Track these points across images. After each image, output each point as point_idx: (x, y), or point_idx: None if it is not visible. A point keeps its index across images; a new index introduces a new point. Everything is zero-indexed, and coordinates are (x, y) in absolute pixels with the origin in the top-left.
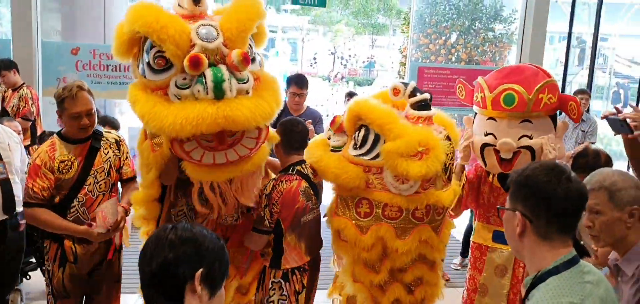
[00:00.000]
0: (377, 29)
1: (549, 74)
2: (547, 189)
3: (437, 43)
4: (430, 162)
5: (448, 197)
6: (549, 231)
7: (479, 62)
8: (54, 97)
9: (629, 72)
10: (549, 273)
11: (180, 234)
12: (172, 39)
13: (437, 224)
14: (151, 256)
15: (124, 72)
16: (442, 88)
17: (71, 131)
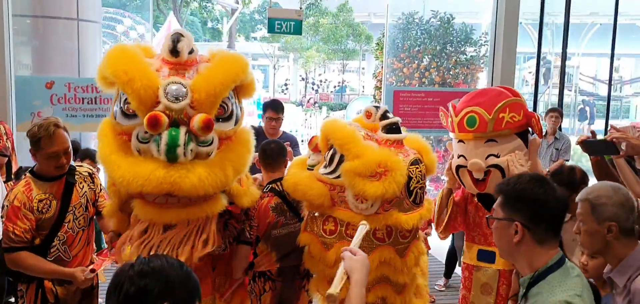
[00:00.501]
0: (347, 54)
1: (515, 93)
2: (544, 199)
3: (411, 67)
4: (387, 183)
5: (410, 220)
6: (546, 236)
7: (452, 84)
8: (28, 136)
9: (592, 90)
10: (547, 271)
11: (140, 268)
12: (137, 93)
13: (402, 246)
14: (114, 290)
15: (100, 105)
16: (418, 111)
17: (47, 170)
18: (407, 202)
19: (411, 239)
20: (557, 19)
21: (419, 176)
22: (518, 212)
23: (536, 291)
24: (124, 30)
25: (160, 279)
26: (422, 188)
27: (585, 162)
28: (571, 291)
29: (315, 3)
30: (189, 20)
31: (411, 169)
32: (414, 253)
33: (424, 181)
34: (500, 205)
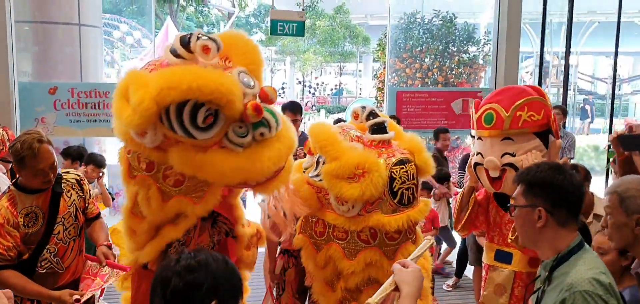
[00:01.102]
0: (344, 57)
1: (540, 92)
2: (564, 184)
3: (413, 67)
4: (365, 185)
5: (394, 222)
6: (568, 219)
7: (455, 84)
8: (12, 154)
9: (590, 88)
10: (569, 252)
11: (187, 263)
12: (238, 98)
13: (389, 248)
14: (161, 285)
15: (103, 110)
16: (421, 111)
17: (33, 185)
18: (391, 204)
19: (401, 241)
20: (554, 18)
21: (404, 176)
22: (540, 198)
23: (560, 272)
24: (121, 36)
25: (208, 274)
26: (410, 189)
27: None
28: (596, 269)
29: (312, 5)
30: (186, 24)
31: (394, 169)
32: (404, 254)
33: (412, 182)
34: (521, 193)
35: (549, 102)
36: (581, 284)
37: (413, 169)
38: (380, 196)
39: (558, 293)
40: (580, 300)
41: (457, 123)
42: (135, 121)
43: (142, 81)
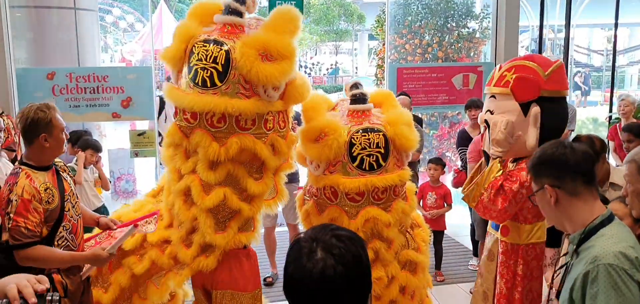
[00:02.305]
0: (339, 35)
1: (547, 64)
2: (558, 156)
3: (413, 43)
4: (322, 146)
5: (350, 183)
6: (576, 186)
7: (455, 59)
8: (37, 121)
9: (586, 61)
10: (598, 225)
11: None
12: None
13: (351, 208)
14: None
15: (102, 94)
16: (422, 87)
17: (58, 149)
18: (350, 167)
19: (363, 204)
20: None
21: (365, 143)
22: (544, 177)
23: (587, 245)
24: (114, 20)
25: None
26: (372, 155)
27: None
28: (624, 242)
29: None
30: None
31: (355, 135)
32: (365, 217)
33: (376, 149)
34: (532, 181)
35: (544, 72)
36: (606, 257)
37: (381, 138)
38: (340, 158)
39: (583, 266)
40: (603, 273)
41: (457, 98)
42: (279, 78)
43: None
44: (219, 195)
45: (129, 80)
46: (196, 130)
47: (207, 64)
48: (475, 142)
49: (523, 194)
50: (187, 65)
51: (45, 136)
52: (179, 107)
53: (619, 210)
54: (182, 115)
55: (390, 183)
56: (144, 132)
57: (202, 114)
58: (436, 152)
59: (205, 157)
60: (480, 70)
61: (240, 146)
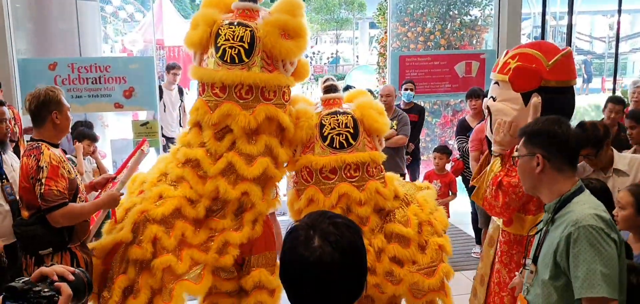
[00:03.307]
0: (340, 24)
1: (553, 51)
2: (559, 134)
3: (415, 31)
4: (296, 129)
5: (321, 161)
6: (564, 165)
7: (457, 46)
8: (47, 101)
9: (589, 48)
10: (573, 194)
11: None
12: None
13: (325, 186)
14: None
15: (104, 84)
16: (425, 75)
17: (66, 127)
18: (321, 146)
19: (337, 180)
20: None
21: (334, 123)
22: (538, 146)
23: (563, 212)
24: (113, 11)
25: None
26: (341, 134)
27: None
28: (599, 207)
29: None
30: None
31: (325, 118)
32: (339, 193)
33: (345, 129)
34: (523, 144)
35: (547, 62)
36: (586, 219)
37: (349, 119)
38: (312, 139)
39: (563, 229)
40: (584, 234)
41: (460, 86)
42: (297, 53)
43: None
44: (263, 164)
45: (131, 70)
46: (224, 102)
47: (234, 43)
48: (477, 131)
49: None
50: (213, 47)
51: (56, 113)
52: (210, 82)
53: (623, 198)
54: (211, 90)
55: (360, 160)
56: (147, 122)
57: (231, 87)
58: (439, 141)
59: (239, 128)
60: (483, 57)
61: (266, 113)
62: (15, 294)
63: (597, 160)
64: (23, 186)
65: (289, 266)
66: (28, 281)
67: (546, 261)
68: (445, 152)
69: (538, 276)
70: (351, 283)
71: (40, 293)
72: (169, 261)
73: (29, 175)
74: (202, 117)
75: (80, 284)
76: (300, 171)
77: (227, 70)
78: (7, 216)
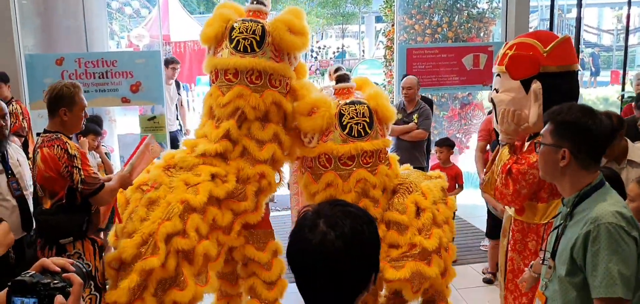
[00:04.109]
0: (346, 18)
1: (549, 39)
2: (591, 129)
3: (422, 23)
4: (315, 117)
5: (341, 149)
6: (590, 162)
7: (465, 39)
8: (61, 96)
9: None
10: (591, 189)
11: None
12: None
13: (344, 172)
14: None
15: (111, 79)
16: (432, 68)
17: (75, 126)
18: (341, 135)
19: (354, 166)
20: None
21: (353, 113)
22: (566, 140)
23: (582, 207)
24: (119, 7)
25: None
26: (359, 124)
27: None
28: (619, 203)
29: None
30: None
31: (344, 107)
32: (357, 178)
33: (362, 118)
34: (549, 132)
35: (544, 48)
36: (605, 217)
37: (365, 109)
38: (331, 128)
39: (582, 227)
40: (604, 232)
41: (468, 79)
42: (301, 47)
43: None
44: (272, 148)
45: (137, 65)
46: (236, 86)
47: (247, 35)
48: (485, 122)
49: (534, 175)
50: (228, 39)
51: (64, 110)
52: (224, 68)
53: (633, 190)
54: (224, 77)
55: (377, 147)
56: (154, 117)
57: (243, 72)
58: (447, 134)
59: (250, 109)
60: (491, 50)
61: (273, 98)
62: (24, 288)
63: (610, 151)
64: (46, 175)
65: (293, 248)
66: (34, 274)
67: (563, 257)
68: (445, 145)
69: (555, 272)
70: (356, 273)
71: (49, 285)
72: (208, 248)
73: (59, 165)
74: (215, 101)
75: (80, 275)
76: (318, 156)
77: (239, 58)
78: (14, 211)
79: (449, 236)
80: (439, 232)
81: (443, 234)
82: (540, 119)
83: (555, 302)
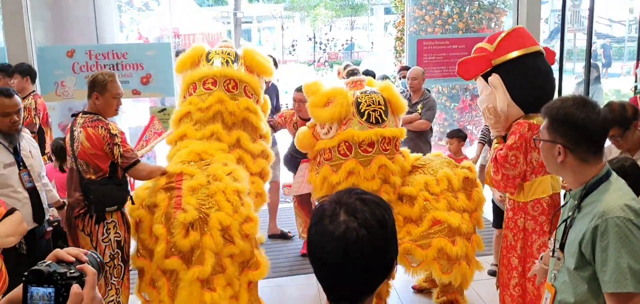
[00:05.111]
0: (355, 10)
1: (494, 37)
2: (584, 123)
3: (433, 14)
4: (334, 107)
5: (362, 134)
6: (588, 155)
7: (476, 30)
8: (95, 81)
9: (608, 32)
10: (598, 181)
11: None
12: None
13: (364, 159)
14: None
15: (122, 71)
16: (443, 59)
17: (108, 111)
18: (359, 122)
19: (374, 153)
20: None
21: (368, 100)
22: (560, 135)
23: (590, 200)
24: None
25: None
26: (376, 111)
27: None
28: (628, 195)
29: None
30: None
31: (360, 96)
32: (378, 164)
33: (378, 106)
34: (545, 127)
35: (491, 46)
36: (613, 211)
37: (379, 97)
38: (349, 116)
39: (590, 221)
40: (612, 226)
41: None
42: (268, 72)
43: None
44: (236, 155)
45: (148, 56)
46: (216, 92)
47: (224, 55)
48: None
49: (516, 156)
50: (205, 59)
51: (96, 95)
52: (203, 78)
53: None
54: (203, 86)
55: (395, 134)
56: (165, 109)
57: (221, 81)
58: (458, 125)
59: (227, 114)
60: None
61: (247, 105)
62: (41, 278)
63: (623, 141)
64: (91, 152)
65: (314, 241)
66: (51, 263)
67: (572, 250)
68: (454, 137)
69: (564, 264)
70: (378, 260)
71: (66, 274)
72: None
73: (102, 142)
74: (196, 105)
75: (94, 266)
76: (338, 145)
77: (218, 69)
78: (26, 203)
79: (470, 226)
80: (457, 215)
81: (462, 221)
82: (511, 104)
83: (565, 294)
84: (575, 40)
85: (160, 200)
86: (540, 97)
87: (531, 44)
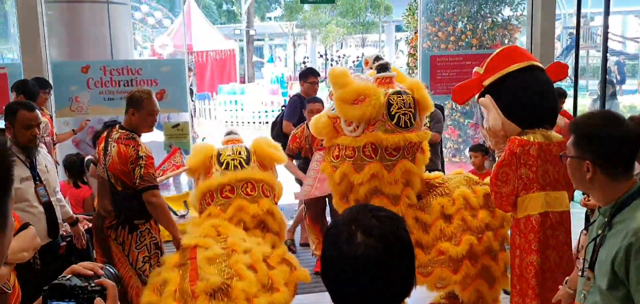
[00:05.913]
0: (366, 27)
1: (484, 61)
2: (612, 138)
3: (446, 31)
4: (364, 107)
5: (390, 139)
6: (617, 171)
7: (490, 46)
8: (131, 98)
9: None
10: (629, 198)
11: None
12: None
13: (389, 163)
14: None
15: (135, 87)
16: (456, 75)
17: (143, 126)
18: (389, 125)
19: (399, 158)
20: None
21: (400, 103)
22: (588, 152)
23: (622, 217)
24: (142, 17)
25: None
26: (406, 114)
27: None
28: None
29: None
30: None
31: (392, 97)
32: (402, 169)
33: (409, 109)
34: (572, 143)
35: (481, 69)
36: None
37: (410, 99)
38: (379, 117)
39: (623, 238)
40: None
41: None
42: (281, 160)
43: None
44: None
45: (162, 73)
46: (235, 201)
47: (235, 156)
48: None
49: (506, 172)
50: (216, 162)
51: (132, 111)
52: (219, 187)
53: None
54: (220, 195)
55: (422, 139)
56: (178, 124)
57: (238, 187)
58: (472, 142)
59: (249, 217)
60: None
61: (268, 208)
62: (63, 292)
63: None
64: (120, 169)
65: (331, 264)
66: (71, 277)
67: (604, 270)
68: (479, 150)
69: (595, 283)
70: (397, 278)
71: (87, 288)
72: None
73: (128, 161)
74: (216, 215)
75: (111, 278)
76: (363, 146)
77: (232, 173)
78: (41, 218)
79: (495, 244)
80: (470, 238)
81: (475, 241)
82: (506, 122)
83: None
84: (588, 58)
85: (172, 277)
86: (535, 111)
87: (522, 60)
